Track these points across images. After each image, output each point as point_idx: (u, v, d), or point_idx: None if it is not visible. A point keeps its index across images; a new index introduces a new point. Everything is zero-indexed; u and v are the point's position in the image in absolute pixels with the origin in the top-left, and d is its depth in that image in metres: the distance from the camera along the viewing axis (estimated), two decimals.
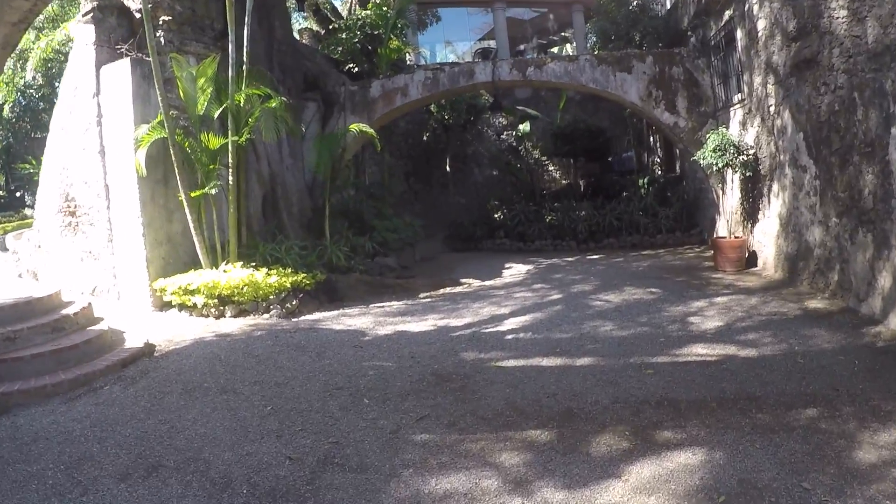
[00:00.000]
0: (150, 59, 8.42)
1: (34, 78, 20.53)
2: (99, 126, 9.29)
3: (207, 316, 8.60)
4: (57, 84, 17.46)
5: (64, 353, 6.63)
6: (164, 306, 8.98)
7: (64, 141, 9.83)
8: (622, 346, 6.27)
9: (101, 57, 9.32)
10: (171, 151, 8.64)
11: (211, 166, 8.91)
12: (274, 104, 9.20)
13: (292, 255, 9.68)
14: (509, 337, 6.82)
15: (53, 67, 19.65)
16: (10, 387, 6.03)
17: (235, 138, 8.93)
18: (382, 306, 8.88)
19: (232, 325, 8.12)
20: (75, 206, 9.78)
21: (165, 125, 8.55)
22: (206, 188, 8.80)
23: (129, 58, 8.96)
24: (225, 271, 8.70)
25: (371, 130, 11.00)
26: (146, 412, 5.22)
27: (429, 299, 9.37)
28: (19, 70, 20.79)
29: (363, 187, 14.51)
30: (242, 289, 8.43)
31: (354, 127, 10.98)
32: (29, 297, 7.53)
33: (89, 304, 7.98)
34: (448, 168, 19.27)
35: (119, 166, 9.12)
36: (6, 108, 23.25)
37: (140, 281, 9.11)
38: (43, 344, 6.73)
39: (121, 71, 9.06)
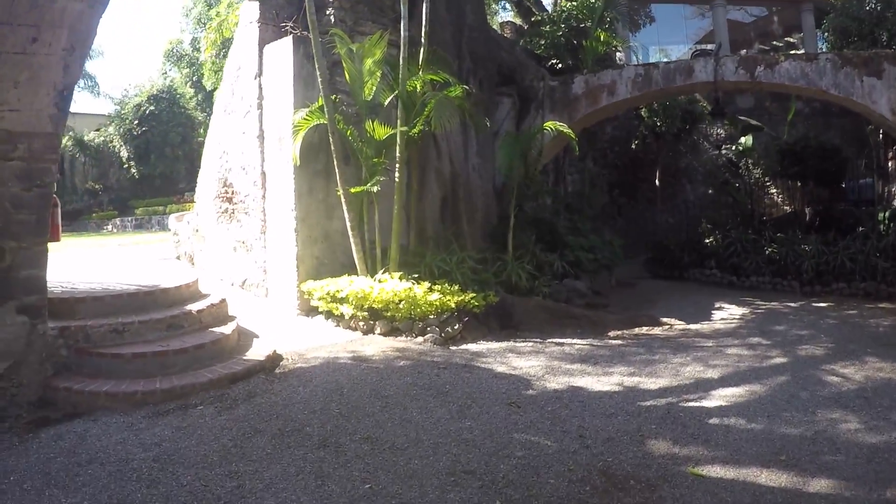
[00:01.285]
0: (312, 35, 7.45)
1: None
2: (259, 109, 8.65)
3: (355, 329, 7.53)
4: None
5: (170, 356, 5.88)
6: (311, 311, 8.04)
7: (225, 124, 9.35)
8: (875, 462, 4.08)
9: (265, 35, 8.73)
10: (331, 140, 7.62)
11: (375, 160, 7.81)
12: (455, 93, 7.84)
13: (463, 270, 8.31)
14: (716, 421, 4.83)
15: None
16: (100, 386, 5.41)
17: (405, 129, 7.70)
18: (561, 344, 7.19)
19: (376, 345, 6.91)
20: (232, 193, 9.23)
21: (326, 110, 7.52)
22: (368, 184, 7.65)
23: (291, 36, 8.19)
24: (380, 281, 7.54)
25: (568, 130, 9.34)
26: (222, 456, 4.20)
27: (619, 341, 7.51)
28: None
29: (560, 197, 12.81)
30: (398, 304, 7.20)
31: (550, 125, 9.39)
32: (153, 287, 6.92)
33: (223, 300, 7.23)
34: (657, 182, 16.92)
35: (277, 153, 8.34)
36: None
37: (288, 280, 8.25)
38: (152, 342, 6.06)
39: (283, 50, 8.37)
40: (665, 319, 8.93)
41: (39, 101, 5.06)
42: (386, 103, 8.00)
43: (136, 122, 28.04)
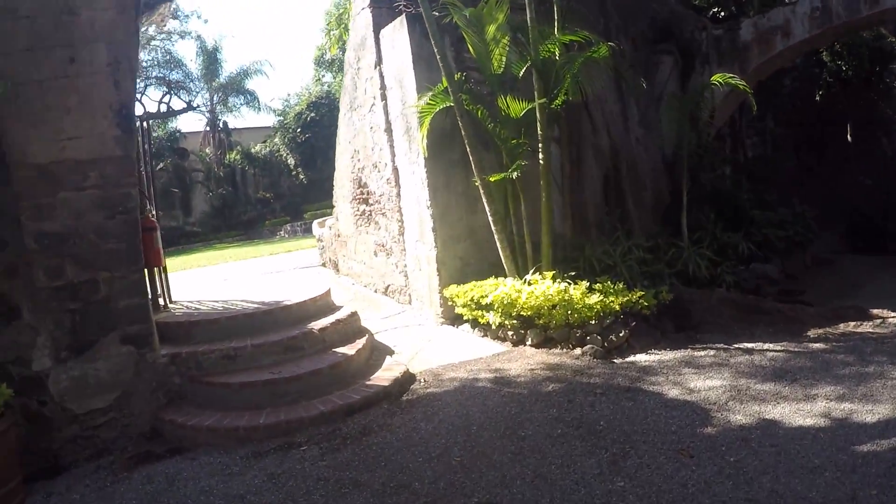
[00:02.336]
0: (422, 7, 6.42)
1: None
2: (384, 100, 7.75)
3: (503, 339, 6.43)
4: None
5: (281, 385, 5.22)
6: (455, 320, 7.05)
7: (352, 120, 8.60)
8: None
9: (380, 19, 7.77)
10: (461, 124, 6.55)
11: (514, 141, 6.60)
12: (600, 53, 6.45)
13: (630, 262, 6.92)
14: None
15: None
16: (203, 420, 4.90)
17: (544, 101, 6.43)
18: (750, 351, 5.59)
19: (524, 361, 5.77)
20: (367, 194, 8.46)
21: (450, 90, 6.45)
22: (508, 171, 6.49)
23: (404, 15, 7.16)
24: (530, 282, 6.35)
25: (739, 82, 7.54)
26: None
27: (821, 344, 5.72)
28: None
29: (740, 165, 10.83)
30: (551, 309, 5.98)
31: (717, 78, 7.63)
32: (273, 305, 6.35)
33: (352, 314, 6.55)
34: (849, 137, 14.19)
35: (406, 146, 7.42)
36: None
37: (429, 285, 7.34)
38: (264, 368, 5.46)
39: (397, 32, 7.37)
40: (875, 311, 6.89)
41: (98, 125, 4.58)
42: (521, 74, 6.76)
43: (298, 129, 28.88)
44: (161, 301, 7.27)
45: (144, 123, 7.34)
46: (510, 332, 6.31)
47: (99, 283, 4.95)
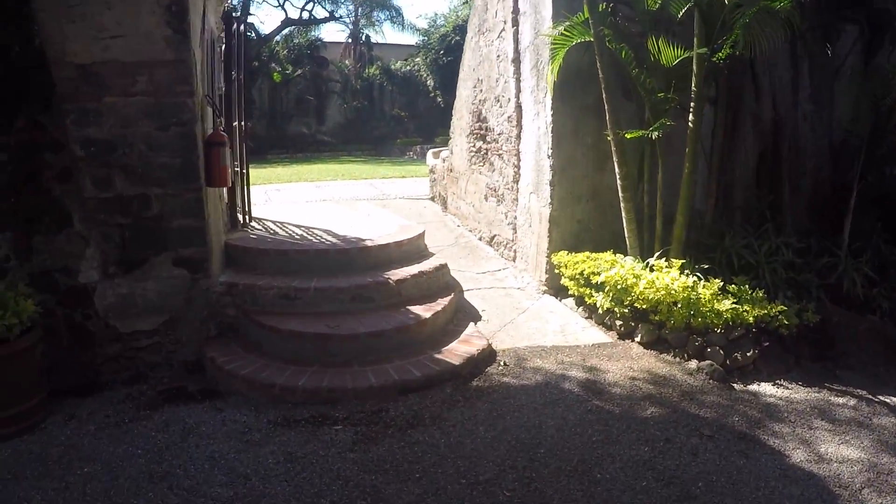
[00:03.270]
0: None
1: None
2: (515, 26, 6.73)
3: (609, 328, 5.53)
4: None
5: (333, 343, 4.73)
6: (560, 291, 6.19)
7: (479, 46, 7.69)
8: None
9: None
10: (599, 65, 5.46)
11: (661, 94, 5.45)
12: (781, 3, 5.04)
13: (774, 265, 5.68)
14: None
15: None
16: (242, 366, 4.54)
17: (704, 51, 5.19)
18: None
19: (626, 364, 4.87)
20: (485, 130, 7.58)
21: (591, 22, 5.34)
22: (650, 129, 5.40)
23: None
24: (654, 268, 5.33)
25: None
26: None
27: None
28: None
29: None
30: (671, 306, 4.97)
31: None
32: (351, 244, 5.77)
33: (440, 266, 5.95)
34: None
35: (533, 82, 6.44)
36: None
37: (537, 245, 6.44)
38: (322, 317, 5.01)
39: None
40: None
41: (144, 22, 4.02)
42: (680, 16, 5.50)
43: (442, 51, 27.98)
44: (241, 218, 6.94)
45: (241, 26, 6.77)
46: (618, 322, 5.37)
47: (150, 198, 4.63)
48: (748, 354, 4.74)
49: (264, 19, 58.10)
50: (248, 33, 25.04)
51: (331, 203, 9.07)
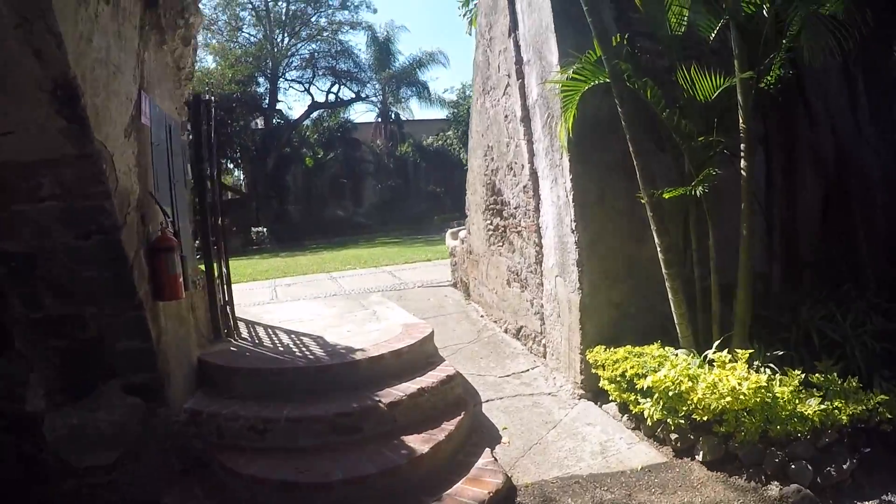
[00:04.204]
0: None
1: None
2: (520, 79, 5.94)
3: (662, 442, 4.39)
4: None
5: (303, 492, 3.85)
6: (599, 395, 5.11)
7: (485, 107, 6.91)
8: None
9: None
10: (620, 109, 4.52)
11: (701, 138, 4.47)
12: (832, 7, 4.07)
13: (863, 339, 4.54)
14: None
15: None
16: None
17: (748, 74, 4.23)
18: None
19: (688, 497, 3.75)
20: (501, 204, 6.70)
21: (604, 60, 4.45)
22: (693, 183, 4.42)
23: None
24: (714, 362, 4.24)
25: None
26: None
27: None
28: None
29: None
30: (740, 412, 3.85)
31: None
32: (333, 360, 5.07)
33: (447, 378, 5.04)
34: None
35: (546, 142, 5.56)
36: None
37: (568, 340, 5.40)
38: (298, 454, 4.22)
39: None
40: None
41: (32, 113, 3.21)
42: (713, 37, 4.56)
43: None
44: (225, 328, 6.13)
45: (212, 109, 6.14)
46: (673, 435, 4.23)
47: (85, 318, 4.02)
48: (844, 467, 3.60)
49: (292, 105, 59.69)
50: (233, 118, 24.98)
51: (339, 299, 8.23)
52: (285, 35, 29.74)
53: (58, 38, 2.87)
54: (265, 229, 27.60)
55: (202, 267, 6.15)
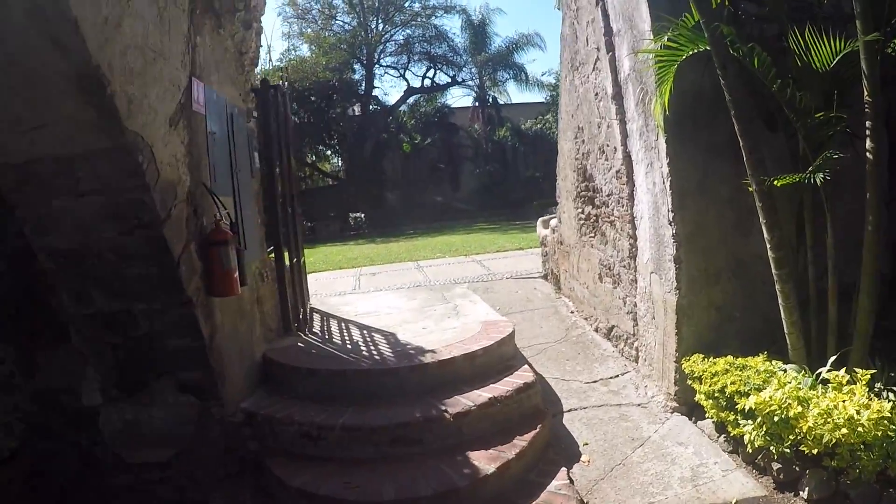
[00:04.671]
0: None
1: None
2: (610, 52, 5.36)
3: (763, 472, 3.86)
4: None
5: None
6: (695, 410, 4.57)
7: (574, 85, 6.37)
8: None
9: None
10: (723, 81, 3.91)
11: (819, 115, 3.81)
12: None
13: None
14: None
15: None
16: None
17: (874, 36, 3.51)
18: None
19: None
20: (593, 191, 6.18)
21: (703, 25, 3.86)
22: (810, 168, 3.79)
23: None
24: (829, 382, 3.62)
25: None
26: None
27: None
28: None
29: None
30: (855, 445, 3.26)
31: None
32: (408, 359, 4.72)
33: (528, 385, 4.57)
34: None
35: (641, 122, 5.00)
36: None
37: (662, 345, 4.87)
38: (352, 465, 3.96)
39: None
40: None
41: (61, 105, 3.00)
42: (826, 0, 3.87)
43: None
44: (296, 322, 5.97)
45: (281, 96, 5.95)
46: (775, 465, 3.67)
47: (136, 315, 3.94)
48: None
49: (388, 91, 60.06)
50: (294, 104, 24.99)
51: (422, 290, 7.93)
52: (379, 21, 29.76)
53: (73, 24, 2.65)
54: (363, 215, 27.86)
55: (275, 257, 6.01)
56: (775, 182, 3.87)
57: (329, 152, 30.66)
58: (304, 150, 27.65)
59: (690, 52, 4.04)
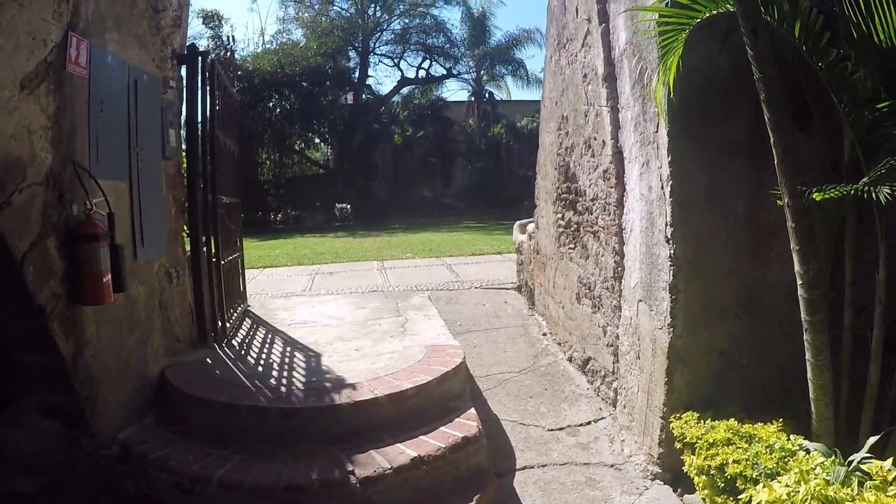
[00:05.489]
0: None
1: None
2: (604, 23, 4.28)
3: None
4: None
5: None
6: (681, 480, 3.51)
7: (560, 66, 5.38)
8: None
9: None
10: (752, 57, 2.81)
11: (885, 104, 2.76)
12: None
13: None
14: None
15: None
16: None
17: None
18: None
19: None
20: (575, 193, 5.16)
21: None
22: (865, 179, 2.73)
23: None
24: (870, 474, 2.57)
25: None
26: None
27: None
28: None
29: None
30: None
31: None
32: (318, 396, 3.77)
33: (468, 440, 3.50)
34: None
35: (637, 110, 3.93)
36: None
37: (648, 394, 3.84)
38: None
39: None
40: None
41: None
42: None
43: None
44: (213, 331, 4.94)
45: (212, 65, 4.93)
46: None
47: None
48: None
49: (382, 80, 58.48)
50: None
51: (376, 297, 6.86)
52: (377, 8, 28.60)
53: None
54: (349, 206, 26.77)
55: (191, 255, 4.96)
56: (815, 195, 2.81)
57: (318, 140, 29.49)
58: (292, 137, 26.57)
59: (707, 15, 2.97)
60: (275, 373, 4.11)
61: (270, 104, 25.05)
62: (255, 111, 24.11)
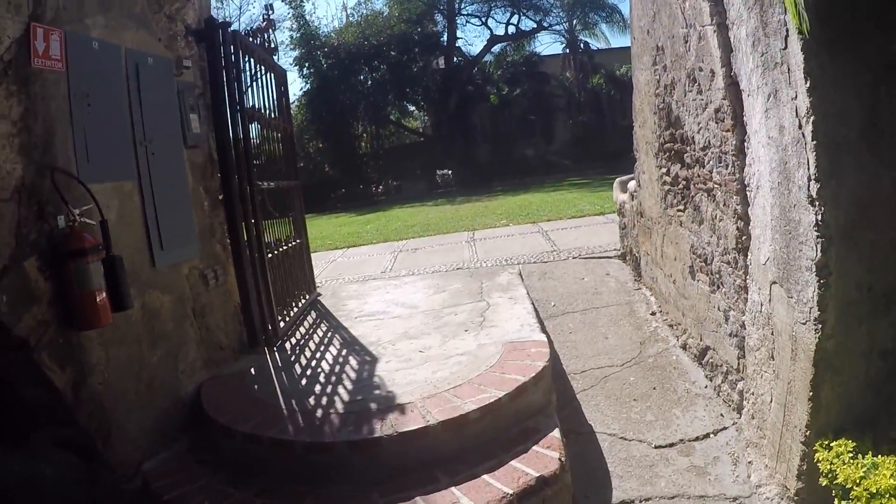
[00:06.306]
0: None
1: None
2: None
3: None
4: None
5: None
6: None
7: None
8: None
9: None
10: None
11: None
12: None
13: None
14: None
15: None
16: None
17: None
18: None
19: None
20: (681, 141, 4.13)
21: None
22: None
23: None
24: None
25: None
26: None
27: None
28: None
29: None
30: None
31: None
32: (371, 427, 3.01)
33: (545, 480, 2.74)
34: None
35: (755, 22, 2.85)
36: None
37: (784, 407, 2.84)
38: None
39: None
40: None
41: None
42: None
43: None
44: (263, 334, 4.37)
45: (233, 42, 4.28)
46: None
47: None
48: None
49: (472, 41, 56.39)
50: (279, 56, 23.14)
51: (459, 276, 6.07)
52: None
53: None
54: (450, 172, 26.10)
55: (232, 252, 4.36)
56: None
57: (413, 108, 28.85)
58: (386, 108, 26.11)
59: None
60: (318, 388, 3.44)
61: (361, 77, 24.66)
62: (346, 85, 23.77)
